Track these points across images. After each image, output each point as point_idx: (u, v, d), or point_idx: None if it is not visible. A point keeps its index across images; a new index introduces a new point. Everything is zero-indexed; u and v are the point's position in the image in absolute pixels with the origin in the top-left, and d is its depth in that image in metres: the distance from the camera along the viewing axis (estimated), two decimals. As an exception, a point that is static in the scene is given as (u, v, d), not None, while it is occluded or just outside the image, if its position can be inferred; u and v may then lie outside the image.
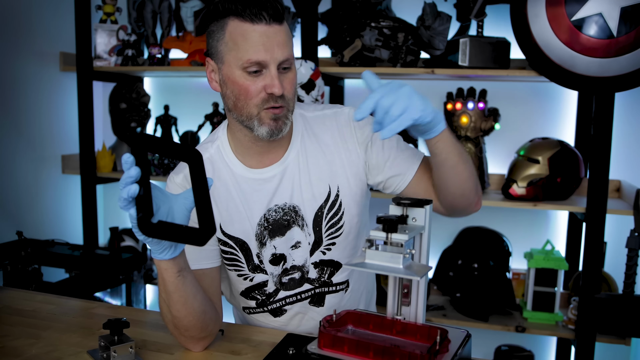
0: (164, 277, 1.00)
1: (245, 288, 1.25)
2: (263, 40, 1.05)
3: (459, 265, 2.29)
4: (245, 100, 1.09)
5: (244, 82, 1.07)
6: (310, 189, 1.20)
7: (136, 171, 0.85)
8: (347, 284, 1.27)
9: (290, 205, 1.20)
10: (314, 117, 1.24)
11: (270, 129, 1.10)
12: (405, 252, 0.91)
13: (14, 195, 2.49)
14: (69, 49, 2.66)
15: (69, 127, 2.74)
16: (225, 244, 1.20)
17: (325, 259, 1.23)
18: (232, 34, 1.07)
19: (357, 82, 2.55)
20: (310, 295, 1.25)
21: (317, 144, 1.22)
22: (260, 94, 1.08)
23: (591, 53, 1.80)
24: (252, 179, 1.19)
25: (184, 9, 2.46)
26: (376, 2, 2.24)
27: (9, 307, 1.33)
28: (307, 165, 1.20)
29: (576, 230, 2.30)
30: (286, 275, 1.22)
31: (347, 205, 1.22)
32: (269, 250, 1.21)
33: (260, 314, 1.27)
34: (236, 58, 1.06)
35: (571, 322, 2.13)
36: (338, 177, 1.21)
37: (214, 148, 1.22)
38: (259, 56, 1.05)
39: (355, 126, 1.22)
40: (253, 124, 1.10)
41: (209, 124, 2.62)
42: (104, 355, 1.02)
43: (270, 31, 1.06)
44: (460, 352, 0.93)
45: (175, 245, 0.96)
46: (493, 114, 2.24)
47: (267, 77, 1.07)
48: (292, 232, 1.20)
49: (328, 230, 1.22)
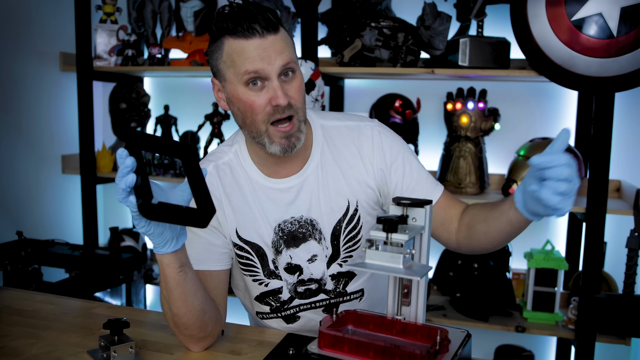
0: (166, 273, 1.00)
1: (260, 293, 1.24)
2: (259, 52, 1.04)
3: (459, 265, 2.29)
4: (252, 117, 1.08)
5: (247, 97, 1.07)
6: (329, 203, 1.19)
7: (131, 161, 0.85)
8: (362, 293, 1.27)
9: (307, 218, 1.19)
10: (335, 127, 1.23)
11: (283, 147, 1.09)
12: (405, 252, 0.91)
13: (14, 195, 2.49)
14: (69, 49, 2.66)
15: (69, 127, 2.74)
16: (241, 249, 1.20)
17: (342, 271, 1.23)
18: (228, 52, 1.07)
19: (357, 82, 2.56)
20: (325, 305, 1.25)
21: (337, 157, 1.20)
22: (266, 108, 1.07)
23: (591, 53, 1.80)
24: (269, 187, 1.19)
25: (184, 9, 2.46)
26: (376, 2, 2.24)
27: (9, 307, 1.33)
28: (327, 178, 1.19)
29: (576, 230, 2.30)
30: (302, 285, 1.22)
31: (365, 220, 1.21)
32: (284, 258, 1.20)
33: (273, 319, 1.27)
34: (235, 74, 1.06)
35: (571, 322, 2.13)
36: (357, 191, 1.20)
37: (232, 152, 1.21)
38: (256, 66, 1.04)
39: (376, 149, 1.20)
40: (264, 141, 1.10)
41: (209, 124, 2.62)
42: (104, 355, 1.02)
43: (265, 43, 1.05)
44: (460, 352, 0.93)
45: (176, 237, 0.96)
46: (493, 114, 2.24)
47: (269, 89, 1.06)
48: (308, 245, 1.19)
49: (346, 243, 1.21)
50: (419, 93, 2.38)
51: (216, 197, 1.17)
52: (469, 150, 2.21)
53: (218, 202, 1.17)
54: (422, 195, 1.19)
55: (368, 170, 1.20)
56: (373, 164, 1.20)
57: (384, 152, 1.20)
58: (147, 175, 0.88)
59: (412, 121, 2.33)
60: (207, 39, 2.48)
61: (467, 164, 2.21)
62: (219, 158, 1.21)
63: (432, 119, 2.44)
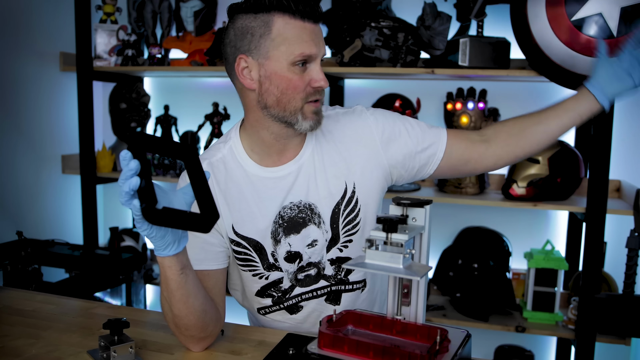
0: (167, 275, 1.00)
1: (260, 287, 1.25)
2: (313, 37, 1.10)
3: (459, 265, 2.29)
4: (293, 94, 1.11)
5: (292, 76, 1.10)
6: (327, 186, 1.20)
7: (135, 164, 0.85)
8: (364, 283, 1.28)
9: (305, 203, 1.20)
10: (327, 116, 1.25)
11: (314, 122, 1.14)
12: (405, 252, 0.91)
13: (14, 195, 2.49)
14: (69, 49, 2.66)
15: (69, 127, 2.74)
16: (238, 245, 1.20)
17: (342, 256, 1.24)
18: (282, 29, 1.08)
19: (357, 82, 2.56)
20: (327, 293, 1.25)
21: (332, 141, 1.23)
22: (307, 88, 1.12)
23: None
24: (266, 177, 1.20)
25: (184, 9, 2.46)
26: (376, 2, 2.24)
27: (9, 307, 1.33)
28: (323, 162, 1.21)
29: (576, 230, 2.30)
30: (302, 272, 1.23)
31: (364, 202, 1.22)
32: (283, 247, 1.21)
33: (276, 312, 1.27)
34: (287, 53, 1.09)
35: (571, 322, 2.13)
36: (354, 173, 1.22)
37: (227, 149, 1.22)
38: (312, 50, 1.09)
39: (372, 124, 1.24)
40: (296, 119, 1.13)
41: (209, 124, 2.62)
42: (104, 355, 1.02)
43: (316, 29, 1.12)
44: (460, 352, 0.93)
45: (178, 240, 0.96)
46: (493, 114, 2.24)
47: (312, 71, 1.11)
48: (308, 230, 1.20)
49: (345, 227, 1.22)
50: (419, 93, 2.38)
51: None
52: (469, 150, 2.21)
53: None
54: (433, 139, 1.25)
55: (368, 148, 1.22)
56: (375, 140, 1.23)
57: (381, 123, 1.24)
58: (150, 178, 0.87)
59: (412, 121, 2.33)
60: (207, 39, 2.49)
61: (467, 164, 2.21)
62: (212, 155, 1.22)
63: (432, 119, 2.44)
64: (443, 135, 1.27)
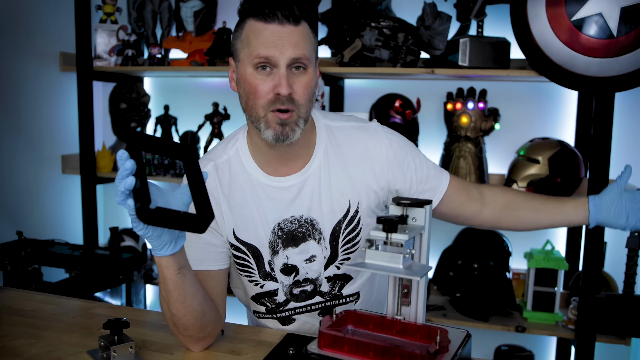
0: (165, 275, 1.00)
1: (255, 293, 1.24)
2: (274, 39, 1.05)
3: (459, 265, 2.29)
4: (254, 100, 1.08)
5: (253, 80, 1.07)
6: (331, 203, 1.18)
7: (131, 163, 0.85)
8: (357, 296, 1.27)
9: (307, 218, 1.18)
10: (339, 127, 1.23)
11: (276, 134, 1.08)
12: (405, 252, 0.91)
13: (14, 195, 2.49)
14: (69, 49, 2.66)
15: (69, 127, 2.74)
16: (237, 249, 1.20)
17: (339, 273, 1.23)
18: (247, 32, 1.08)
19: (357, 82, 2.56)
20: (320, 308, 1.25)
21: (341, 157, 1.20)
22: (269, 94, 1.07)
23: (591, 53, 1.80)
24: (269, 185, 1.18)
25: (184, 9, 2.47)
26: (376, 2, 2.24)
27: (9, 307, 1.33)
28: (329, 178, 1.19)
29: (576, 230, 2.30)
30: (298, 287, 1.22)
31: (365, 222, 1.21)
32: (281, 259, 1.20)
33: (269, 319, 1.27)
34: (248, 54, 1.07)
35: (571, 322, 2.13)
36: (359, 193, 1.20)
37: (233, 151, 1.21)
38: (268, 52, 1.05)
39: (384, 146, 1.21)
40: (260, 126, 1.09)
41: (209, 124, 2.62)
42: (104, 355, 1.02)
43: (283, 31, 1.05)
44: (460, 352, 0.93)
45: (175, 240, 0.96)
46: (493, 114, 2.24)
47: (275, 77, 1.06)
48: (307, 245, 1.19)
49: (345, 245, 1.21)
50: (419, 93, 2.38)
51: (214, 197, 1.17)
52: (469, 150, 2.21)
53: (216, 203, 1.17)
54: (434, 183, 1.24)
55: (375, 169, 1.20)
56: (383, 163, 1.20)
57: (394, 149, 1.21)
58: (146, 178, 0.87)
59: (412, 121, 2.33)
60: (207, 39, 2.49)
61: (467, 164, 2.21)
62: (218, 157, 1.21)
63: (432, 119, 2.44)
64: (445, 183, 1.25)
